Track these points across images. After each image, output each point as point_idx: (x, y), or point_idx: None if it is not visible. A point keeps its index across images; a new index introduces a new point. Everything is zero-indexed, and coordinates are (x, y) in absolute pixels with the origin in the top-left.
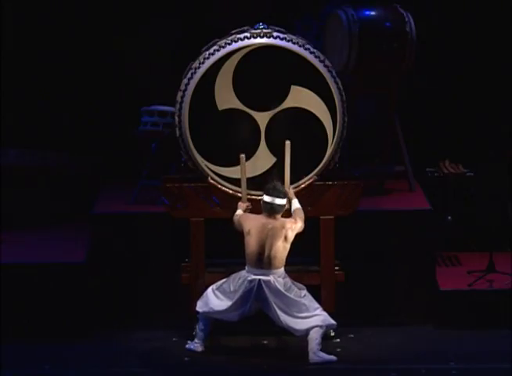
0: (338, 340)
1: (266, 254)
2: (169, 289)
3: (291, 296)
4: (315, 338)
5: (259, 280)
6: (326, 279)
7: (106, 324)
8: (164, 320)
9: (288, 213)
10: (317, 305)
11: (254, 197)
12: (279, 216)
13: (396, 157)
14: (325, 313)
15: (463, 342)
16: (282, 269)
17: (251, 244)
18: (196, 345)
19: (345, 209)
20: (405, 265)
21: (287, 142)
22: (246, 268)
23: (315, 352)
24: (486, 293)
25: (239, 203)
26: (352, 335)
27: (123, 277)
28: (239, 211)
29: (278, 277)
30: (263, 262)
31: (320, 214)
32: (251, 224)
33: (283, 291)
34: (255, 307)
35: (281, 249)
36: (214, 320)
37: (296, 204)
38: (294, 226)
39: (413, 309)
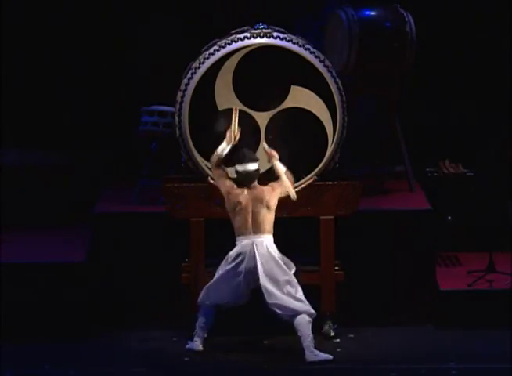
0: (338, 340)
1: (253, 223)
2: (169, 289)
3: (281, 263)
4: (307, 334)
5: (252, 242)
6: (326, 279)
7: (106, 324)
8: (164, 320)
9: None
10: (300, 289)
11: None
12: (256, 184)
13: (396, 157)
14: (306, 301)
15: (463, 342)
16: (271, 236)
17: (237, 219)
18: (195, 344)
19: (345, 209)
20: (405, 265)
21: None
22: (237, 240)
23: (312, 351)
24: (486, 293)
25: (227, 139)
26: (352, 335)
27: (123, 277)
28: (222, 147)
29: (269, 242)
30: (252, 229)
31: (320, 214)
32: (231, 203)
33: (274, 255)
34: (247, 282)
35: (267, 217)
36: (213, 314)
37: (279, 168)
38: (274, 194)
39: (413, 309)
